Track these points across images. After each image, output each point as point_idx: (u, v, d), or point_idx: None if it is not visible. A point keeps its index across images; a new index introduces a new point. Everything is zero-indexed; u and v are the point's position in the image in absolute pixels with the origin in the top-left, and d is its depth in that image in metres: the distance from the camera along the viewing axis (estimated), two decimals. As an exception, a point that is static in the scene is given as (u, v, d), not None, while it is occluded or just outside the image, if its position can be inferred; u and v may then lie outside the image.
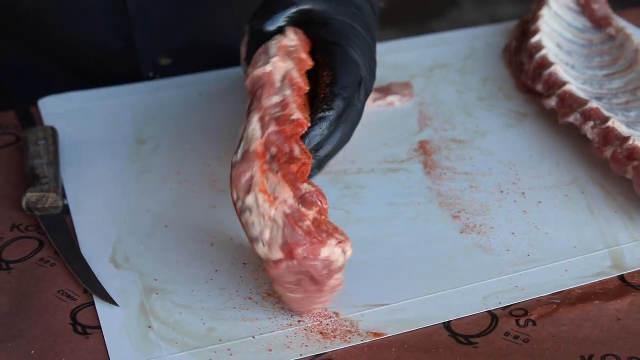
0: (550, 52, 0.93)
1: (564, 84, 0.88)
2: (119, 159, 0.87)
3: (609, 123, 0.81)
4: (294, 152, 0.68)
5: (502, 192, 0.82)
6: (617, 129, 0.81)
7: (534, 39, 0.96)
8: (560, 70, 0.90)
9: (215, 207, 0.80)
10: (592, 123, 0.83)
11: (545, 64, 0.91)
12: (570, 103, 0.86)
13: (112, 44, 1.04)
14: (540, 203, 0.80)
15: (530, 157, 0.87)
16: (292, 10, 0.76)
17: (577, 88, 0.88)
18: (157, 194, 0.82)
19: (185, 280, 0.72)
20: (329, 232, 0.65)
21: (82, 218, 0.79)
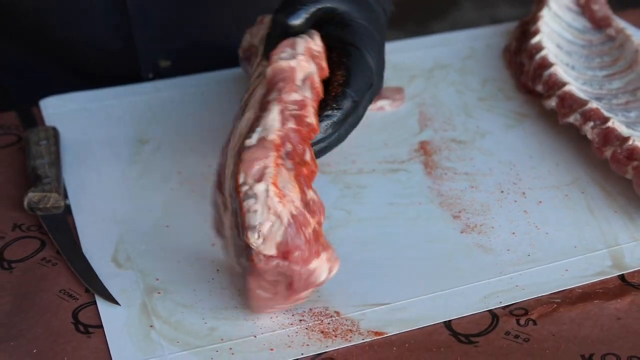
0: (551, 52, 0.94)
1: (564, 85, 0.88)
2: (121, 160, 0.87)
3: (609, 123, 0.82)
4: (306, 155, 0.68)
5: (502, 192, 0.82)
6: (617, 130, 0.81)
7: (534, 40, 0.96)
8: (561, 71, 0.90)
9: (217, 207, 0.80)
10: (592, 123, 0.83)
11: (546, 65, 0.91)
12: (571, 103, 0.86)
13: (112, 45, 1.04)
14: (541, 203, 0.81)
15: (531, 157, 0.87)
16: (316, 7, 0.77)
17: (577, 89, 0.88)
18: (158, 194, 0.82)
19: (187, 280, 0.72)
20: (324, 246, 0.65)
21: (83, 218, 0.79)
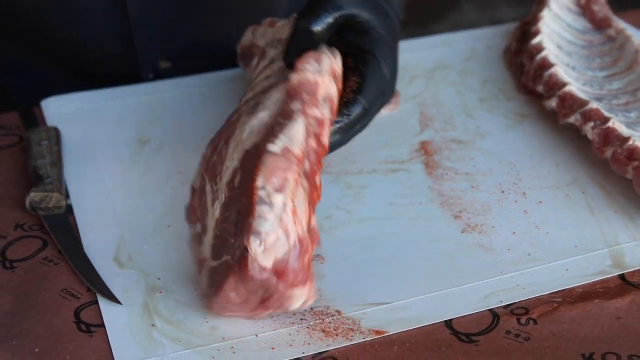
0: (551, 53, 0.94)
1: (565, 85, 0.88)
2: (122, 159, 0.87)
3: (609, 124, 0.82)
4: (316, 179, 0.68)
5: (503, 192, 0.82)
6: (617, 130, 0.81)
7: (535, 41, 0.96)
8: (561, 72, 0.90)
9: (218, 206, 0.80)
10: (592, 124, 0.83)
11: (546, 65, 0.92)
12: (571, 104, 0.86)
13: (112, 46, 1.04)
14: (541, 203, 0.81)
15: (531, 157, 0.87)
16: (339, 13, 0.77)
17: (577, 89, 0.88)
18: (159, 194, 0.83)
19: (189, 279, 0.72)
20: (311, 277, 0.66)
21: (85, 218, 0.80)
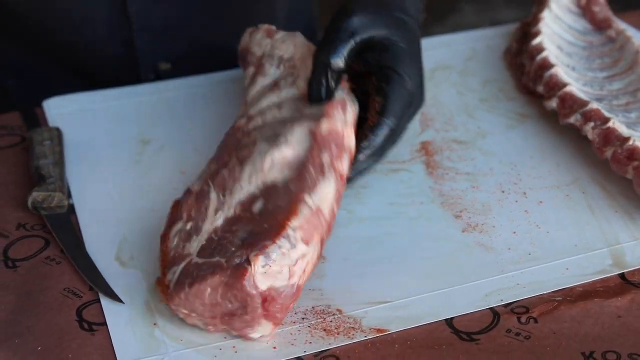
0: (551, 54, 0.94)
1: (565, 86, 0.88)
2: (124, 159, 0.88)
3: (610, 124, 0.82)
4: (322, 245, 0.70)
5: (503, 192, 0.83)
6: (617, 130, 0.81)
7: (535, 41, 0.96)
8: (561, 72, 0.90)
9: (220, 206, 0.81)
10: (592, 124, 0.83)
11: (546, 66, 0.92)
12: (571, 104, 0.87)
13: (112, 48, 1.04)
14: (541, 203, 0.81)
15: (531, 157, 0.87)
16: (354, 40, 0.77)
17: (577, 89, 0.88)
18: (161, 194, 0.83)
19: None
20: (280, 324, 0.67)
21: (87, 217, 0.80)
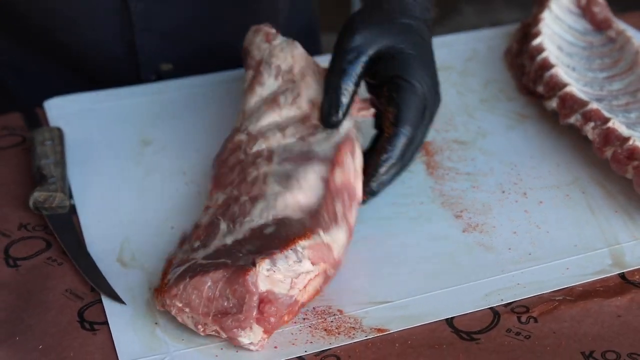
0: (552, 54, 0.94)
1: (565, 86, 0.88)
2: (125, 160, 0.88)
3: (610, 124, 0.82)
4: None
5: (503, 192, 0.83)
6: (617, 130, 0.82)
7: (536, 42, 0.96)
8: (561, 73, 0.91)
9: (221, 206, 0.81)
10: (592, 124, 0.84)
11: (547, 66, 0.92)
12: (571, 104, 0.87)
13: (114, 49, 1.05)
14: (542, 203, 0.81)
15: (531, 157, 0.87)
16: (362, 60, 0.78)
17: (578, 90, 0.88)
18: (163, 195, 0.83)
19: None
20: (271, 334, 0.67)
21: (88, 218, 0.80)
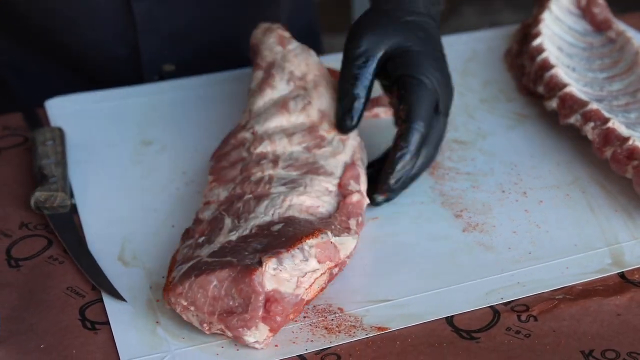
0: (552, 55, 0.94)
1: (565, 86, 0.89)
2: (126, 160, 0.88)
3: (609, 124, 0.82)
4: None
5: (503, 192, 0.83)
6: (617, 130, 0.82)
7: (536, 42, 0.97)
8: (561, 73, 0.91)
9: (221, 206, 0.81)
10: (592, 124, 0.84)
11: (547, 67, 0.92)
12: (571, 104, 0.87)
13: (117, 50, 1.05)
14: (542, 202, 0.81)
15: (532, 157, 0.88)
16: (371, 64, 0.79)
17: (577, 90, 0.88)
18: (163, 194, 0.83)
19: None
20: (276, 332, 0.67)
21: (90, 217, 0.80)
